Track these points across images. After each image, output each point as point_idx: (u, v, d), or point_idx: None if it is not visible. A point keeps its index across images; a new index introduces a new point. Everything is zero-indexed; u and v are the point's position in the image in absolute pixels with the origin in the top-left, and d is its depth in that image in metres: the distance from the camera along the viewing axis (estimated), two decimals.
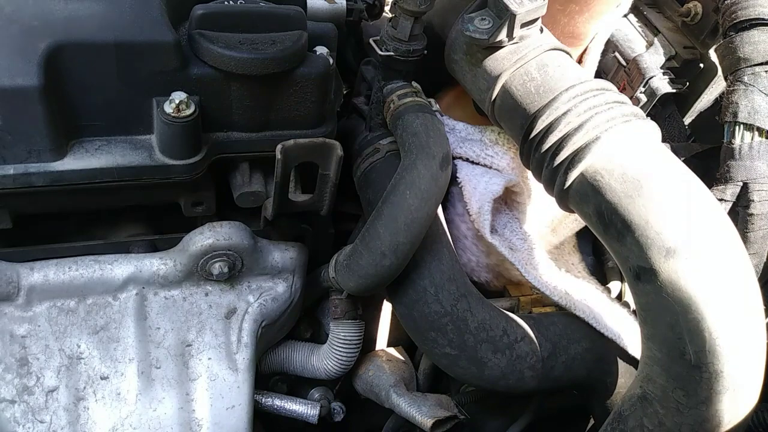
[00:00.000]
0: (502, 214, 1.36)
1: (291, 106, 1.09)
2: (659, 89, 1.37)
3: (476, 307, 1.18)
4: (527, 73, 1.07)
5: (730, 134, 1.16)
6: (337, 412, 1.48)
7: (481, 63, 1.12)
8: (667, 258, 0.84)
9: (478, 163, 1.34)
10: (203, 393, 1.15)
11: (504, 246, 1.29)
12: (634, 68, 1.38)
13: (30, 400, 1.07)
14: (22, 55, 0.90)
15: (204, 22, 0.99)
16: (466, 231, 1.35)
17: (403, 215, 1.10)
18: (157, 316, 1.15)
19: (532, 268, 1.29)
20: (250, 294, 1.22)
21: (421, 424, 1.30)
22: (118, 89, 0.98)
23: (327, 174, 1.14)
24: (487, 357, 1.17)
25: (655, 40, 1.42)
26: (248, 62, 0.99)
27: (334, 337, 1.35)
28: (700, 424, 0.86)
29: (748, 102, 1.13)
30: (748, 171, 1.12)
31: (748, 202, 1.13)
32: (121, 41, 0.94)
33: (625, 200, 0.89)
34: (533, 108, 1.03)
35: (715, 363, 0.83)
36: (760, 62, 1.15)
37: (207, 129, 1.05)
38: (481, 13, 1.08)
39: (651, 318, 0.89)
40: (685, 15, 1.37)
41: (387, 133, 1.29)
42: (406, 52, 1.19)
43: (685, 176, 0.91)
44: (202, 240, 1.14)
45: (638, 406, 0.93)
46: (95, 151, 1.01)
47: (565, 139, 0.97)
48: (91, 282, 1.12)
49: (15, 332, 1.09)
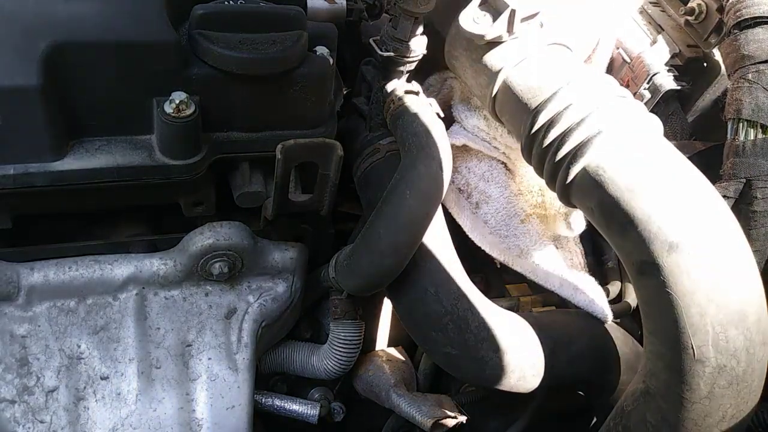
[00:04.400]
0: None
1: (291, 106, 1.09)
2: (663, 86, 1.37)
3: (477, 307, 1.18)
4: (528, 68, 1.07)
5: (734, 131, 1.16)
6: (337, 412, 1.47)
7: (481, 59, 1.12)
8: (669, 252, 0.84)
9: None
10: (203, 393, 1.14)
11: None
12: (638, 65, 1.39)
13: (30, 400, 1.07)
14: (22, 55, 0.90)
15: (204, 22, 0.99)
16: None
17: (403, 215, 1.10)
18: (157, 316, 1.15)
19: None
20: (250, 294, 1.22)
21: (421, 424, 1.30)
22: (118, 89, 0.98)
23: (327, 174, 1.14)
24: (488, 356, 1.17)
25: (659, 37, 1.42)
26: (248, 62, 0.99)
27: (334, 337, 1.34)
28: (702, 419, 0.86)
29: (752, 99, 1.13)
30: (751, 168, 1.12)
31: (751, 199, 1.13)
32: (122, 41, 0.94)
33: (628, 195, 0.89)
34: (534, 103, 1.03)
35: (717, 358, 0.83)
36: (764, 60, 1.15)
37: (207, 129, 1.05)
38: (481, 9, 1.08)
39: (654, 313, 0.88)
40: (689, 13, 1.37)
41: (387, 133, 1.29)
42: (406, 52, 1.20)
43: (687, 171, 0.91)
44: (202, 240, 1.14)
45: (641, 401, 0.92)
46: (95, 151, 1.01)
47: (567, 133, 0.96)
48: (91, 282, 1.12)
49: (15, 332, 1.09)
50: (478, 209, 1.38)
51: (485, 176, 1.38)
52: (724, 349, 0.82)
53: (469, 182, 1.38)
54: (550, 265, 1.34)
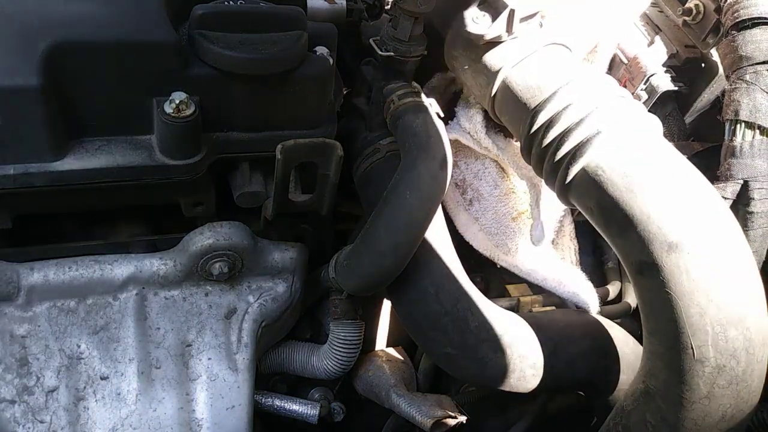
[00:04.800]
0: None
1: (291, 106, 1.09)
2: (660, 87, 1.37)
3: (477, 307, 1.18)
4: (527, 68, 1.07)
5: (732, 132, 1.16)
6: (337, 412, 1.47)
7: (480, 58, 1.12)
8: (669, 253, 0.84)
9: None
10: (203, 393, 1.15)
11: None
12: (635, 65, 1.38)
13: (30, 400, 1.07)
14: (22, 55, 0.90)
15: (204, 22, 0.99)
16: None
17: (403, 215, 1.10)
18: (157, 316, 1.15)
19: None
20: (250, 294, 1.22)
21: (421, 424, 1.30)
22: (118, 89, 0.98)
23: (327, 174, 1.14)
24: (488, 356, 1.17)
25: (657, 38, 1.42)
26: (248, 62, 0.99)
27: (334, 338, 1.34)
28: (702, 419, 0.86)
29: (750, 100, 1.13)
30: (748, 169, 1.13)
31: (748, 200, 1.13)
32: (122, 41, 0.94)
33: (627, 195, 0.89)
34: (533, 103, 1.03)
35: (717, 358, 0.83)
36: (761, 61, 1.15)
37: (207, 129, 1.05)
38: (480, 9, 1.08)
39: (653, 313, 0.89)
40: (687, 14, 1.37)
41: (387, 133, 1.29)
42: (406, 52, 1.20)
43: (687, 171, 0.91)
44: (202, 240, 1.14)
45: (641, 401, 0.92)
46: (95, 151, 1.01)
47: (566, 133, 0.96)
48: (91, 282, 1.12)
49: (15, 332, 1.09)
50: (470, 206, 1.40)
51: (479, 174, 1.40)
52: (723, 349, 0.82)
53: (465, 179, 1.39)
54: (538, 261, 1.34)
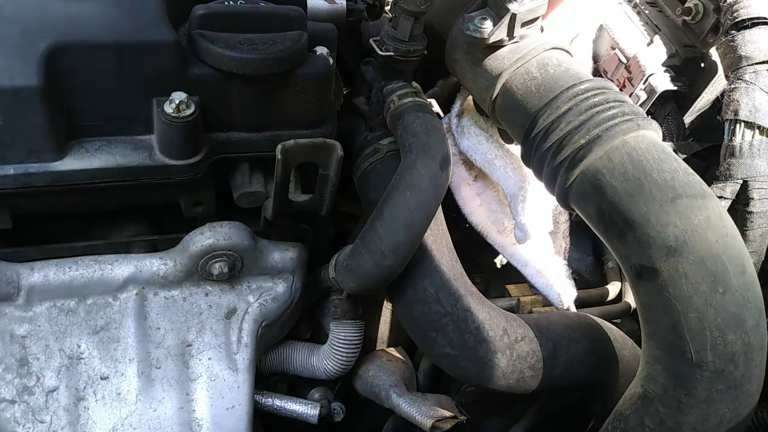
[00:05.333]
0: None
1: (291, 106, 1.09)
2: (659, 86, 1.37)
3: (476, 307, 1.18)
4: (528, 72, 1.07)
5: (731, 132, 1.16)
6: (337, 412, 1.47)
7: (481, 62, 1.12)
8: (668, 257, 0.84)
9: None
10: (203, 393, 1.15)
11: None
12: (634, 65, 1.38)
13: (30, 400, 1.07)
14: (22, 55, 0.90)
15: (204, 22, 0.99)
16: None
17: (403, 215, 1.10)
18: (157, 316, 1.15)
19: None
20: (250, 294, 1.22)
21: (421, 424, 1.30)
22: (118, 89, 0.98)
23: (327, 174, 1.14)
24: (488, 357, 1.17)
25: (656, 38, 1.41)
26: (248, 62, 0.98)
27: (334, 338, 1.34)
28: (701, 423, 0.86)
29: (750, 100, 1.13)
30: (748, 169, 1.12)
31: (747, 200, 1.13)
32: (121, 41, 0.94)
33: (626, 199, 0.89)
34: (534, 107, 1.03)
35: (716, 362, 0.83)
36: (761, 61, 1.15)
37: (207, 129, 1.05)
38: (482, 13, 1.08)
39: (652, 317, 0.89)
40: (686, 13, 1.36)
41: (387, 133, 1.29)
42: (406, 52, 1.19)
43: (685, 175, 0.91)
44: (202, 240, 1.14)
45: (639, 405, 0.93)
46: (95, 151, 1.01)
47: (566, 138, 0.97)
48: (91, 282, 1.12)
49: (15, 332, 1.09)
50: (475, 182, 1.40)
51: (487, 156, 1.38)
52: (722, 354, 0.82)
53: (474, 155, 1.39)
54: (526, 245, 1.34)
